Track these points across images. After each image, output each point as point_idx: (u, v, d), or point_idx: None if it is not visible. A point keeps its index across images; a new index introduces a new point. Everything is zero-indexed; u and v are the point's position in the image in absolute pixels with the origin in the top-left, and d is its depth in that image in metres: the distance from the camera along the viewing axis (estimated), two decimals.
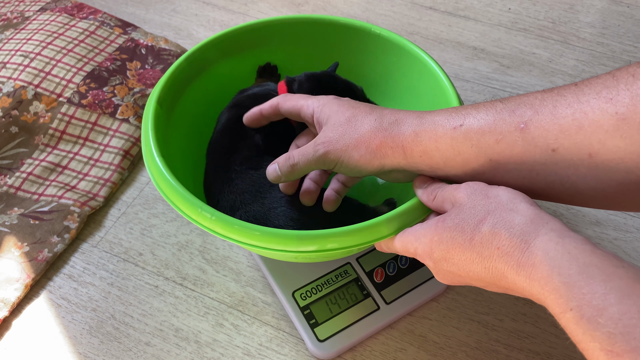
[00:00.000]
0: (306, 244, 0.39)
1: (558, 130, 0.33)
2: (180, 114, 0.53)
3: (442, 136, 0.37)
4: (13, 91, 0.66)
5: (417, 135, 0.38)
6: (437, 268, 0.36)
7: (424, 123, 0.38)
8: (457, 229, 0.33)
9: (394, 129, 0.39)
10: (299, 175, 0.43)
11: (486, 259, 0.32)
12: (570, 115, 0.32)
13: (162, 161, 0.44)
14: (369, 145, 0.39)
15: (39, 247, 0.56)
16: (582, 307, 0.26)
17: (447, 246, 0.34)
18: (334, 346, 0.49)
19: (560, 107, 0.33)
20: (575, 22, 0.85)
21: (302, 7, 0.88)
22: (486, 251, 0.32)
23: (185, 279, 0.55)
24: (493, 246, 0.31)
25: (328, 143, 0.41)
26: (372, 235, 0.40)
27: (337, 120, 0.41)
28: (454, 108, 0.38)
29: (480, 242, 0.32)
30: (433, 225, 0.36)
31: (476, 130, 0.36)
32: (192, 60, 0.54)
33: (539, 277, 0.29)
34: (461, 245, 0.33)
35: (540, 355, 0.50)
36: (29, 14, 0.78)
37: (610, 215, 0.60)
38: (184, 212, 0.42)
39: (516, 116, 0.34)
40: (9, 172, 0.63)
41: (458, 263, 0.34)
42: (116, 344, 0.51)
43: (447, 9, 0.88)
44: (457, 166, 0.37)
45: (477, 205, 0.33)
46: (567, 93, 0.33)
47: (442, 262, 0.35)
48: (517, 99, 0.35)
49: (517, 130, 0.34)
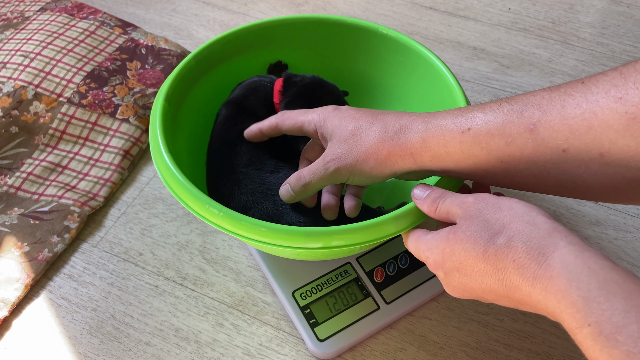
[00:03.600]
0: (313, 240, 0.39)
1: (568, 131, 0.32)
2: (187, 112, 0.54)
3: (451, 141, 0.37)
4: (13, 91, 0.66)
5: (425, 142, 0.38)
6: (448, 279, 0.36)
7: (430, 128, 0.38)
8: (470, 240, 0.33)
9: (400, 137, 0.38)
10: (312, 193, 0.44)
11: (500, 271, 0.31)
12: (579, 115, 0.32)
13: (170, 157, 0.45)
14: (378, 157, 0.39)
15: (39, 247, 0.56)
16: (600, 323, 0.26)
17: (459, 257, 0.34)
18: (334, 346, 0.49)
19: (568, 107, 0.33)
20: (575, 22, 0.85)
21: (302, 7, 0.88)
22: (501, 263, 0.31)
23: (185, 278, 0.55)
24: (509, 259, 0.31)
25: (337, 160, 0.41)
26: (378, 233, 0.40)
27: (342, 135, 0.41)
28: (459, 110, 0.38)
29: (494, 254, 0.32)
30: (444, 236, 0.35)
31: (485, 133, 0.35)
32: (200, 58, 0.55)
33: (555, 290, 0.28)
34: (474, 257, 0.33)
35: (540, 355, 0.50)
36: (29, 14, 0.78)
37: (610, 215, 0.60)
38: (192, 208, 0.42)
39: (524, 117, 0.34)
40: (9, 172, 0.63)
41: (471, 274, 0.33)
42: (116, 344, 0.51)
43: (447, 9, 0.88)
44: (469, 167, 0.37)
45: (491, 217, 0.33)
46: (574, 92, 0.33)
47: (454, 273, 0.35)
48: (523, 98, 0.35)
49: (527, 132, 0.34)
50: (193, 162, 0.54)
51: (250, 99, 0.54)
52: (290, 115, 0.46)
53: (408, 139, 0.38)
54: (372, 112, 0.42)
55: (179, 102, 0.52)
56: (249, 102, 0.54)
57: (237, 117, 0.53)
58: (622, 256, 0.57)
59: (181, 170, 0.44)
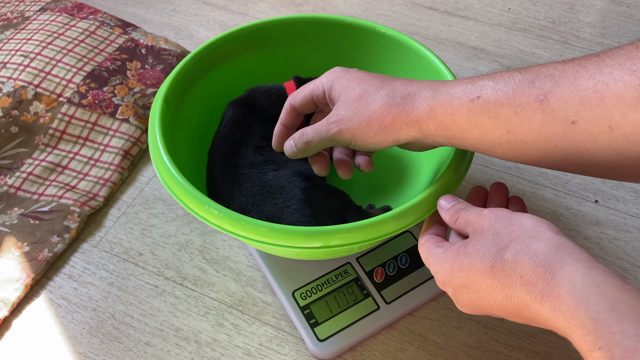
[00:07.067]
0: (312, 240, 0.39)
1: (579, 103, 0.32)
2: (186, 113, 0.54)
3: (459, 109, 0.36)
4: (13, 91, 0.66)
5: (432, 109, 0.37)
6: (457, 295, 0.35)
7: (439, 96, 0.37)
8: (478, 255, 0.32)
9: (407, 103, 0.38)
10: (314, 152, 0.44)
11: (508, 287, 0.31)
12: (592, 87, 0.31)
13: (170, 159, 0.45)
14: (382, 122, 0.38)
15: (39, 247, 0.56)
16: (611, 347, 0.25)
17: (467, 272, 0.33)
18: (334, 346, 0.49)
19: (581, 78, 0.32)
20: (575, 22, 0.85)
21: (302, 7, 0.88)
22: (508, 279, 0.31)
23: (185, 278, 0.55)
24: (516, 274, 0.30)
25: (340, 122, 0.40)
26: (377, 232, 0.40)
27: (348, 97, 0.40)
28: (469, 79, 0.37)
29: (502, 270, 0.31)
30: (455, 251, 0.35)
31: (494, 102, 0.35)
32: (199, 59, 0.55)
33: (564, 310, 0.28)
34: (482, 272, 0.32)
35: (540, 355, 0.50)
36: (29, 14, 0.78)
37: (610, 215, 0.60)
38: (192, 209, 0.42)
39: (535, 88, 0.33)
40: (9, 172, 0.63)
41: (479, 290, 0.33)
42: (116, 344, 0.51)
43: (447, 9, 0.88)
44: (475, 137, 0.37)
45: (500, 232, 0.33)
46: (588, 64, 0.32)
47: (462, 289, 0.34)
48: (535, 69, 0.35)
49: (537, 102, 0.33)
50: (193, 163, 0.54)
51: (261, 102, 0.55)
52: (298, 90, 0.46)
53: (415, 105, 0.38)
54: (381, 77, 0.41)
55: (178, 103, 0.52)
56: (260, 104, 0.55)
57: (244, 119, 0.53)
58: (622, 256, 0.57)
59: (181, 171, 0.44)
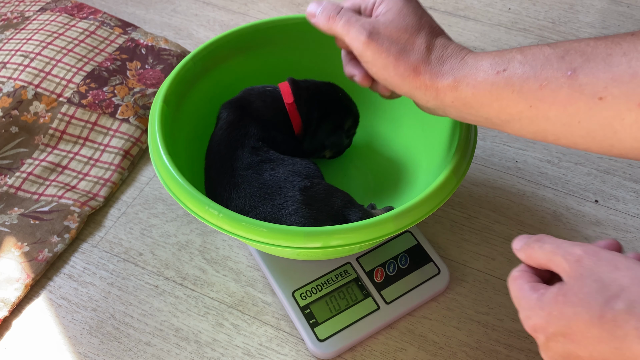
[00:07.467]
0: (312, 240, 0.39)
1: (610, 79, 0.31)
2: (186, 113, 0.54)
3: (482, 82, 0.36)
4: (13, 91, 0.66)
5: (456, 82, 0.37)
6: (550, 344, 0.33)
7: (465, 67, 0.37)
8: (583, 304, 0.30)
9: (436, 67, 0.38)
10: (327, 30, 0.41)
11: (619, 339, 0.29)
12: (625, 63, 0.31)
13: (169, 159, 0.45)
14: (405, 72, 0.38)
15: (39, 247, 0.56)
16: None
17: (568, 322, 0.31)
18: (334, 346, 0.49)
19: (615, 55, 0.31)
20: (575, 22, 0.85)
21: (302, 7, 0.88)
22: (620, 331, 0.29)
23: (185, 278, 0.55)
24: (630, 326, 0.28)
25: (375, 36, 0.39)
26: (377, 232, 0.40)
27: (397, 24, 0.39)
28: (498, 52, 0.37)
29: (613, 320, 0.29)
30: (552, 298, 0.32)
31: (520, 76, 0.34)
32: (199, 59, 0.55)
33: None
34: (588, 321, 0.30)
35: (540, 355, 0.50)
36: (29, 14, 0.78)
37: (610, 215, 0.60)
38: (192, 209, 0.42)
39: (565, 62, 0.33)
40: (9, 172, 0.63)
41: (580, 341, 0.30)
42: (116, 344, 0.51)
43: (447, 9, 0.88)
44: (493, 111, 0.36)
45: (606, 278, 0.30)
46: (622, 41, 0.32)
47: (559, 338, 0.32)
48: (566, 44, 0.34)
49: (564, 77, 0.33)
50: (193, 164, 0.54)
51: (255, 104, 0.55)
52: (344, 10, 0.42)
53: (442, 72, 0.37)
54: (432, 25, 0.40)
55: (178, 103, 0.52)
56: (254, 106, 0.54)
57: (240, 121, 0.53)
58: None
59: (180, 171, 0.44)
